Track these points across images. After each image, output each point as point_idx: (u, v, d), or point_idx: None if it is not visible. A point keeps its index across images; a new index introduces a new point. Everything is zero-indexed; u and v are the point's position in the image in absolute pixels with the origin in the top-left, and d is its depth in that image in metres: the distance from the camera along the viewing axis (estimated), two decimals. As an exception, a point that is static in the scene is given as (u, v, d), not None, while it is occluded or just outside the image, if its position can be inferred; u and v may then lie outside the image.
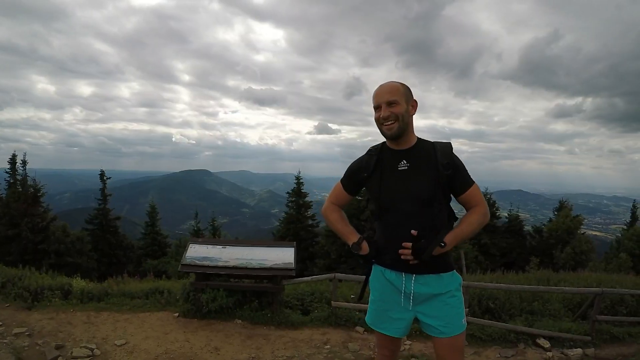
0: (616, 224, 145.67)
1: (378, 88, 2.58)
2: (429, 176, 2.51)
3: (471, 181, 2.60)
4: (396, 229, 2.54)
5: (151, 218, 31.60)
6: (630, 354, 6.92)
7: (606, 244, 46.13)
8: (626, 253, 24.93)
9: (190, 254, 7.26)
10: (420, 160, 2.56)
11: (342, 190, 2.86)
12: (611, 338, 7.59)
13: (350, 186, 2.83)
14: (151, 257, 28.61)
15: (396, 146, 2.62)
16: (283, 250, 7.57)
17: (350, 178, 2.80)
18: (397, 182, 2.56)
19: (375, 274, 2.73)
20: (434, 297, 2.54)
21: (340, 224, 2.83)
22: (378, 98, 2.55)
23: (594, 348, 7.06)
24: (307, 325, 6.96)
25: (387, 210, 2.59)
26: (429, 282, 2.53)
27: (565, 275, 12.59)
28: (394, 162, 2.59)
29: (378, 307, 2.71)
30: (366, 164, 2.68)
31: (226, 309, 7.02)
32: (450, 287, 2.56)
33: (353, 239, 2.70)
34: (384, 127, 2.55)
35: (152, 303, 7.73)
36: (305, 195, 30.00)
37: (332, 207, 2.90)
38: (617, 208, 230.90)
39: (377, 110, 2.56)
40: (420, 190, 2.51)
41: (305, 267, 25.11)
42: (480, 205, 2.62)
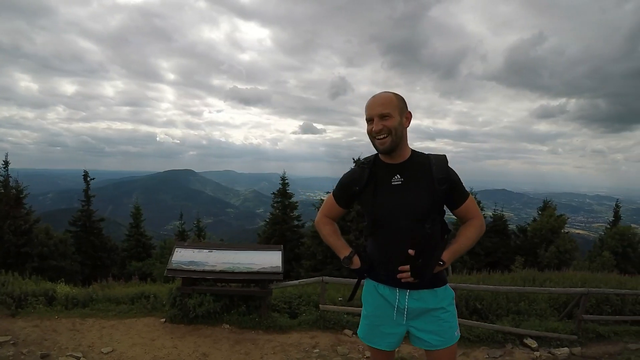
0: (599, 223, 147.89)
1: (371, 99, 2.47)
2: (424, 191, 2.43)
3: (466, 194, 2.56)
4: (391, 246, 2.48)
5: (135, 219, 31.25)
6: (616, 352, 7.01)
7: (589, 242, 46.73)
8: (609, 251, 25.25)
9: (177, 259, 7.18)
10: (415, 174, 2.47)
11: (335, 203, 2.76)
12: (597, 337, 7.71)
13: (343, 199, 2.74)
14: (136, 260, 28.29)
15: (389, 160, 2.52)
16: (270, 254, 7.52)
17: (342, 191, 2.71)
18: (391, 197, 2.47)
19: (368, 288, 2.68)
20: (427, 311, 2.49)
21: (333, 237, 2.76)
22: (370, 110, 2.44)
23: (581, 347, 7.14)
24: (296, 329, 6.92)
25: (381, 226, 2.50)
26: (424, 297, 2.48)
27: (550, 275, 12.68)
28: (387, 177, 2.50)
29: (371, 322, 2.64)
30: (358, 177, 2.57)
31: (214, 313, 6.96)
32: (443, 303, 2.50)
33: (345, 253, 2.62)
34: (376, 141, 2.44)
35: (138, 308, 7.62)
36: (291, 196, 29.86)
37: (325, 220, 2.81)
38: (599, 207, 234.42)
39: (369, 123, 2.46)
40: (415, 206, 2.42)
41: (291, 268, 25.04)
42: (476, 218, 2.58)
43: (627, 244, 26.45)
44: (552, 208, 32.11)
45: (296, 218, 29.38)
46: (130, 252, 29.98)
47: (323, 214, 2.83)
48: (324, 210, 2.83)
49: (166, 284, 9.76)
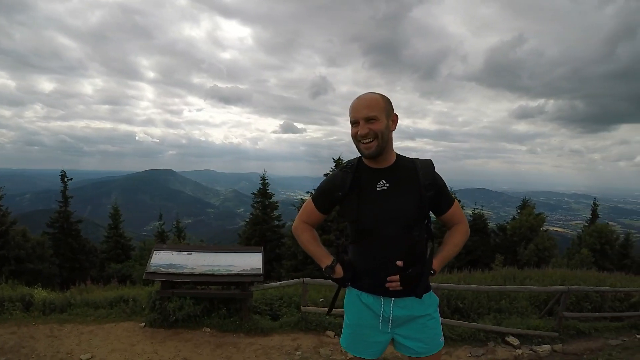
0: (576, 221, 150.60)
1: (356, 101, 2.32)
2: (411, 197, 2.33)
3: (452, 199, 2.49)
4: (376, 254, 2.35)
5: (114, 220, 30.85)
6: (597, 348, 7.09)
7: (567, 240, 47.51)
8: (587, 249, 25.67)
9: (155, 261, 7.02)
10: (401, 180, 2.36)
11: (314, 209, 2.57)
12: (578, 333, 7.79)
13: (323, 205, 2.55)
14: (115, 261, 27.91)
15: (374, 164, 2.39)
16: (250, 256, 7.41)
17: (323, 196, 2.53)
18: (376, 203, 2.33)
19: (351, 297, 2.53)
20: (413, 319, 2.40)
21: (312, 244, 2.58)
22: (355, 113, 2.29)
23: (562, 344, 7.21)
24: (277, 331, 6.84)
25: (367, 234, 2.36)
26: (409, 305, 2.39)
27: (530, 272, 12.82)
28: (372, 182, 2.36)
29: (354, 331, 2.51)
30: (341, 182, 2.40)
31: (194, 317, 6.82)
32: (429, 310, 2.43)
33: (326, 262, 2.48)
34: (361, 146, 2.31)
35: (117, 313, 7.46)
36: (271, 196, 29.71)
37: (303, 226, 2.63)
38: (577, 205, 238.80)
39: (354, 126, 2.31)
40: (401, 213, 2.31)
41: (272, 268, 24.94)
42: (462, 223, 2.52)
43: (604, 241, 26.96)
44: (531, 207, 32.55)
45: (276, 218, 29.26)
46: (109, 254, 29.60)
47: (301, 220, 2.64)
48: (302, 216, 2.64)
49: (145, 287, 9.60)
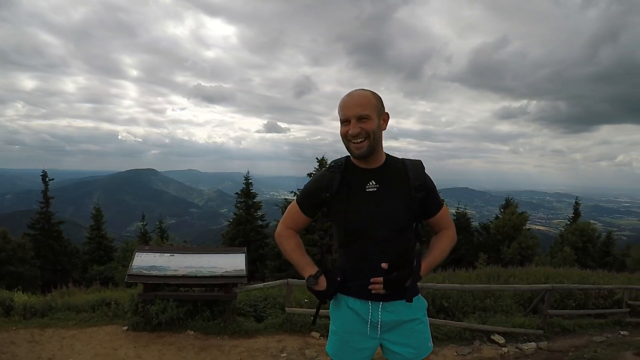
0: (558, 219, 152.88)
1: (347, 98, 2.21)
2: (401, 199, 2.24)
3: (441, 203, 2.41)
4: (366, 258, 2.25)
5: (96, 221, 30.46)
6: (582, 345, 7.17)
7: (549, 238, 48.11)
8: (570, 247, 25.96)
9: (137, 263, 6.88)
10: (391, 181, 2.27)
11: (299, 212, 2.42)
12: (562, 330, 7.90)
13: (309, 208, 2.40)
14: (97, 263, 27.61)
15: (364, 164, 2.28)
16: (233, 257, 7.30)
17: (309, 198, 2.38)
18: (366, 205, 2.23)
19: (337, 303, 2.41)
20: (402, 324, 2.32)
21: (296, 252, 2.42)
22: (347, 111, 2.18)
23: (547, 341, 7.26)
24: (262, 332, 6.75)
25: (355, 237, 2.26)
26: (397, 309, 2.30)
27: (514, 271, 12.92)
28: (361, 183, 2.26)
29: (341, 338, 2.39)
30: (328, 182, 2.27)
31: (177, 320, 6.69)
32: (418, 314, 2.35)
33: (310, 271, 2.32)
34: (352, 145, 2.20)
35: (99, 316, 7.29)
36: (255, 196, 29.53)
37: (287, 233, 2.46)
38: (559, 204, 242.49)
39: (344, 124, 2.21)
40: (392, 215, 2.22)
41: (255, 268, 24.80)
42: (449, 228, 2.43)
43: (586, 240, 27.31)
44: (514, 206, 32.89)
45: (260, 218, 29.10)
46: (92, 256, 29.25)
47: (285, 226, 2.47)
48: (286, 221, 2.47)
49: (128, 289, 9.45)
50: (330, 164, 2.37)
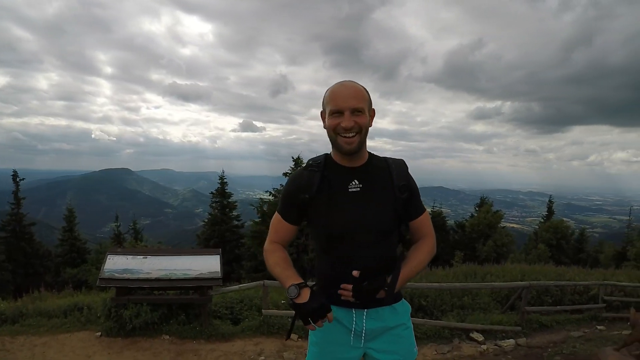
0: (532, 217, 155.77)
1: (340, 87, 2.02)
2: (385, 200, 2.08)
3: (423, 208, 2.24)
4: (349, 263, 2.03)
5: (68, 223, 29.76)
6: (560, 341, 7.28)
7: (523, 236, 48.85)
8: (544, 244, 26.36)
9: (109, 267, 6.68)
10: (374, 180, 2.10)
11: (282, 222, 2.20)
12: (540, 327, 8.00)
13: (291, 214, 2.18)
14: (70, 266, 26.97)
15: (347, 162, 2.10)
16: (208, 258, 7.18)
17: (289, 203, 2.16)
18: (349, 206, 2.05)
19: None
20: (387, 330, 2.15)
21: (279, 266, 2.11)
22: (340, 101, 1.97)
23: (525, 337, 7.35)
24: (239, 335, 6.65)
25: (336, 241, 2.06)
26: (382, 316, 2.13)
27: (490, 268, 13.01)
28: (343, 182, 2.08)
29: (322, 349, 2.20)
30: (307, 182, 2.08)
31: (152, 324, 6.52)
32: (404, 319, 2.19)
33: (293, 281, 1.96)
34: (342, 140, 2.00)
35: (71, 322, 7.09)
36: (230, 196, 29.18)
37: (272, 247, 2.21)
38: (532, 202, 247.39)
39: (333, 116, 1.99)
40: (377, 217, 2.05)
41: (231, 269, 24.55)
42: (429, 237, 2.23)
43: (560, 237, 27.78)
44: (488, 205, 33.25)
45: (235, 218, 28.81)
46: (65, 258, 28.55)
47: (269, 240, 2.25)
48: (270, 236, 2.26)
49: (101, 293, 9.22)
50: (308, 162, 2.18)
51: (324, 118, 2.07)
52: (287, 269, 2.08)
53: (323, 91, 2.10)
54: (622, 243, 28.64)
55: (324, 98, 2.07)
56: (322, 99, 2.10)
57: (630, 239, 27.81)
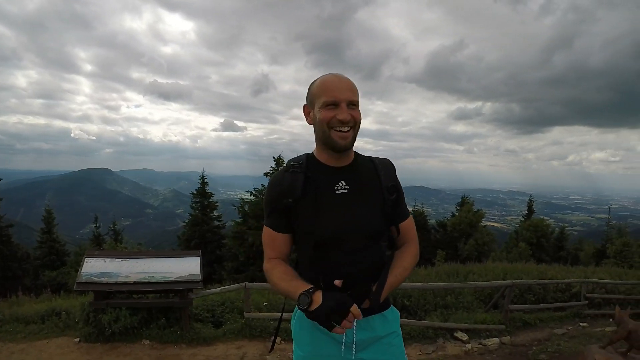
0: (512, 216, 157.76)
1: (334, 78, 1.87)
2: (374, 202, 1.94)
3: (408, 213, 2.12)
4: (337, 271, 1.87)
5: (47, 224, 29.19)
6: (544, 338, 7.35)
7: (503, 234, 49.32)
8: (525, 242, 26.59)
9: (86, 270, 6.50)
10: (362, 181, 1.95)
11: (273, 234, 1.99)
12: (524, 325, 8.09)
13: (280, 222, 1.96)
14: (49, 268, 26.50)
15: (334, 162, 1.94)
16: (188, 260, 7.04)
17: (274, 210, 1.95)
18: (336, 209, 1.89)
19: (303, 325, 1.99)
20: (378, 340, 2.00)
21: (284, 280, 1.88)
22: (337, 92, 1.82)
23: (510, 336, 7.39)
24: (221, 339, 6.55)
25: (323, 247, 1.88)
26: (373, 325, 1.98)
27: (472, 267, 13.07)
28: (329, 183, 1.91)
29: None
30: (289, 185, 1.89)
31: (131, 329, 6.38)
32: (394, 327, 2.05)
33: (301, 289, 1.76)
34: (337, 134, 1.83)
35: (49, 328, 6.94)
36: (211, 196, 28.88)
37: (272, 264, 1.98)
38: (512, 201, 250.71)
39: (327, 108, 1.83)
40: (366, 220, 1.91)
41: (213, 270, 24.30)
42: (413, 243, 2.11)
43: (540, 235, 28.04)
44: (469, 204, 33.46)
45: (216, 218, 28.55)
46: (43, 261, 28.02)
47: (267, 258, 2.03)
48: (267, 253, 2.04)
49: (80, 297, 9.02)
50: (288, 164, 1.97)
51: (309, 112, 1.93)
52: (292, 280, 1.87)
53: (305, 91, 1.96)
54: (601, 241, 29.06)
55: (311, 89, 1.92)
56: (306, 92, 1.96)
57: (609, 236, 28.21)
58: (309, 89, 1.95)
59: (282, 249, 2.01)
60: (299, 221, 1.91)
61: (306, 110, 1.96)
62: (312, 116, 1.92)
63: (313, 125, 1.94)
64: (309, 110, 1.94)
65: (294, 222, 1.93)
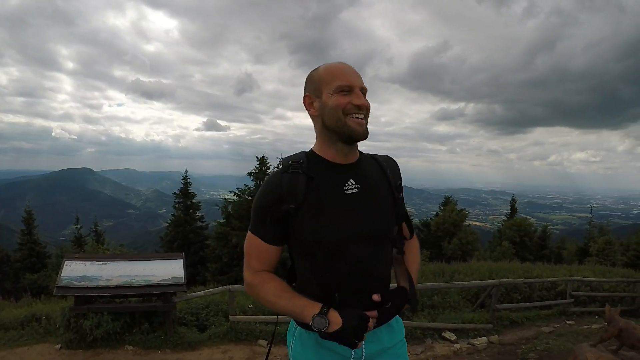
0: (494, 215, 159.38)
1: (342, 65, 1.68)
2: (386, 203, 1.74)
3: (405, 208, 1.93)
4: (348, 284, 1.64)
5: (27, 225, 28.61)
6: (532, 337, 7.42)
7: (486, 233, 49.73)
8: (508, 241, 26.80)
9: (66, 274, 6.29)
10: (371, 180, 1.73)
11: (263, 245, 1.71)
12: (511, 323, 8.11)
13: (274, 233, 1.68)
14: (30, 271, 25.99)
15: (342, 158, 1.70)
16: (171, 263, 6.87)
17: (268, 219, 1.66)
18: (347, 212, 1.63)
19: (306, 344, 1.74)
20: (385, 351, 1.79)
21: (284, 298, 1.65)
22: (351, 77, 1.63)
23: (497, 335, 7.43)
24: (206, 343, 6.40)
25: (331, 257, 1.62)
26: (381, 337, 1.76)
27: (458, 267, 13.09)
28: (337, 183, 1.66)
29: None
30: (290, 188, 1.61)
31: (114, 334, 6.17)
32: (400, 336, 1.86)
33: (314, 310, 1.55)
34: (353, 121, 1.61)
35: (29, 334, 6.71)
36: (193, 196, 28.57)
37: (261, 278, 1.72)
38: (494, 201, 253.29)
39: (342, 94, 1.61)
40: (379, 223, 1.69)
41: (196, 271, 24.02)
42: (416, 239, 1.97)
43: (524, 234, 28.30)
44: (453, 203, 33.66)
45: (199, 219, 28.27)
46: (24, 263, 27.49)
47: (252, 270, 1.76)
48: (251, 264, 1.77)
49: (60, 301, 8.78)
50: (285, 163, 1.69)
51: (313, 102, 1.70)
52: (294, 297, 1.63)
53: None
54: (583, 239, 29.40)
55: (316, 76, 1.70)
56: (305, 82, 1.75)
57: (592, 235, 28.51)
58: (310, 77, 1.73)
59: (271, 262, 1.76)
60: (302, 229, 1.63)
61: (308, 101, 1.72)
62: (318, 105, 1.67)
63: (318, 117, 1.69)
64: (312, 99, 1.70)
65: (294, 231, 1.65)
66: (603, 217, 61.07)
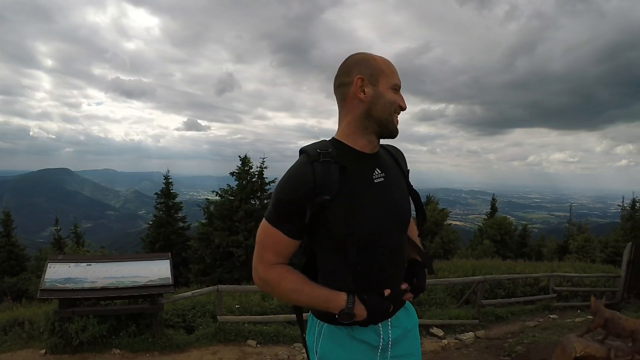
0: (474, 214, 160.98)
1: (388, 61, 1.65)
2: (405, 190, 1.75)
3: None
4: (377, 274, 1.62)
5: (5, 227, 28.00)
6: (517, 331, 7.56)
7: (467, 232, 50.23)
8: (489, 240, 27.17)
9: (50, 276, 6.10)
10: (392, 169, 1.72)
11: (283, 238, 1.58)
12: (496, 319, 8.28)
13: (299, 227, 1.56)
14: (8, 274, 25.49)
15: (370, 148, 1.66)
16: (157, 263, 6.74)
17: (296, 213, 1.53)
18: (377, 202, 1.59)
19: (338, 339, 1.67)
20: (406, 334, 1.79)
21: (305, 292, 1.58)
22: (398, 77, 1.64)
23: (484, 330, 7.59)
24: (194, 345, 6.29)
25: (362, 249, 1.55)
26: (400, 321, 1.77)
27: (441, 264, 13.22)
28: (366, 172, 1.61)
29: None
30: (323, 178, 1.50)
31: (100, 338, 6.01)
32: (415, 318, 1.89)
33: (341, 303, 1.54)
34: (394, 119, 1.63)
35: (12, 339, 6.51)
36: (175, 196, 28.30)
37: (279, 272, 1.61)
38: (474, 200, 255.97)
39: (394, 91, 1.62)
40: (405, 213, 1.70)
41: (179, 273, 23.78)
42: (413, 222, 1.96)
43: (504, 232, 28.69)
44: (435, 203, 34.05)
45: (181, 220, 28.03)
46: (2, 266, 26.94)
47: (267, 264, 1.63)
48: (266, 257, 1.63)
49: (43, 305, 8.60)
50: (313, 151, 1.56)
51: (366, 86, 1.60)
52: (315, 289, 1.59)
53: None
54: (562, 237, 29.98)
55: (373, 63, 1.62)
56: (357, 63, 1.64)
57: (571, 233, 29.02)
58: (365, 61, 1.63)
59: (288, 255, 1.65)
60: (335, 221, 1.54)
61: (360, 83, 1.60)
62: (372, 93, 1.60)
63: (365, 103, 1.61)
64: (366, 83, 1.60)
65: (325, 223, 1.55)
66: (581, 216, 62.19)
